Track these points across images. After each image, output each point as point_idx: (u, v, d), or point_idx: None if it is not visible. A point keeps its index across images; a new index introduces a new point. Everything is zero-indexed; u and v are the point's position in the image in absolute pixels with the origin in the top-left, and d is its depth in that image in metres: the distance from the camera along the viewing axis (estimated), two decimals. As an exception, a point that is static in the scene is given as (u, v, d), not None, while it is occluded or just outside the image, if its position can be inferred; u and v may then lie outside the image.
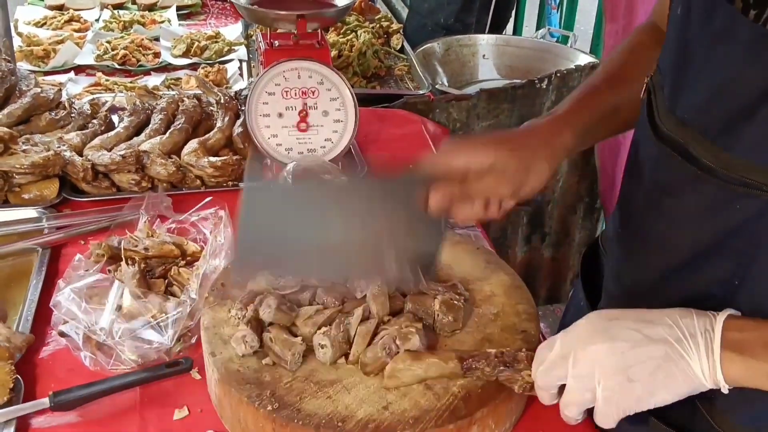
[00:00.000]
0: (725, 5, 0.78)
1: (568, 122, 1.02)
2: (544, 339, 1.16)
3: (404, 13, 3.40)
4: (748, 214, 0.80)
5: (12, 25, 2.34)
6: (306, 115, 1.57)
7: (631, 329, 0.78)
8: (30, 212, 1.41)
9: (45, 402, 0.99)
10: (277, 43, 1.61)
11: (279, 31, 1.62)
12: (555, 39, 3.03)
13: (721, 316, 0.78)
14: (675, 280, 0.92)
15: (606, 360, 0.78)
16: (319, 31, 1.60)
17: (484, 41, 2.85)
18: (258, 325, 1.00)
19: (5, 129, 1.41)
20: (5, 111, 1.54)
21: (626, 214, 1.04)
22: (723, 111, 0.80)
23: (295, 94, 1.56)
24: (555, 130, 1.01)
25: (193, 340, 1.12)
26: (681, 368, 0.76)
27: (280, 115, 1.57)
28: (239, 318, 1.01)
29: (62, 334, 1.09)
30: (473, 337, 1.01)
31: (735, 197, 0.80)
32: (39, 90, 1.62)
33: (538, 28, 3.53)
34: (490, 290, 1.11)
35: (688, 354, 0.76)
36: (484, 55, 2.85)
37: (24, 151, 1.41)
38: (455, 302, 1.02)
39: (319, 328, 0.98)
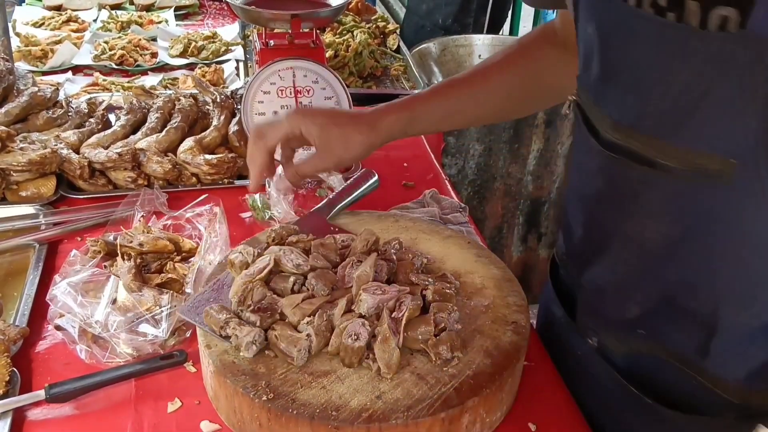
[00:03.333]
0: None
1: (399, 107, 1.20)
2: (534, 331, 1.18)
3: (402, 13, 3.42)
4: (707, 205, 0.83)
5: (10, 25, 2.35)
6: (301, 114, 1.59)
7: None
8: (27, 209, 1.43)
9: (41, 394, 1.00)
10: (272, 42, 1.62)
11: (274, 30, 1.63)
12: (551, 39, 3.04)
13: None
14: (648, 278, 0.95)
15: None
16: (313, 30, 1.62)
17: (480, 41, 2.87)
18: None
19: (2, 127, 1.42)
20: (3, 110, 1.55)
21: (587, 224, 1.05)
22: (660, 109, 0.82)
23: (291, 93, 1.58)
24: (382, 112, 1.19)
25: (188, 334, 1.13)
26: None
27: (276, 113, 1.58)
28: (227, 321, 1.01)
29: (58, 328, 1.10)
30: (464, 328, 1.02)
31: (693, 189, 0.83)
32: (36, 89, 1.63)
33: (533, 28, 3.54)
34: (481, 283, 1.12)
35: None
36: (480, 56, 2.87)
37: (21, 149, 1.42)
38: (447, 290, 1.03)
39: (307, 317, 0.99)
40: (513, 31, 3.82)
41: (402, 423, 0.88)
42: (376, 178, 1.38)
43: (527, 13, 3.84)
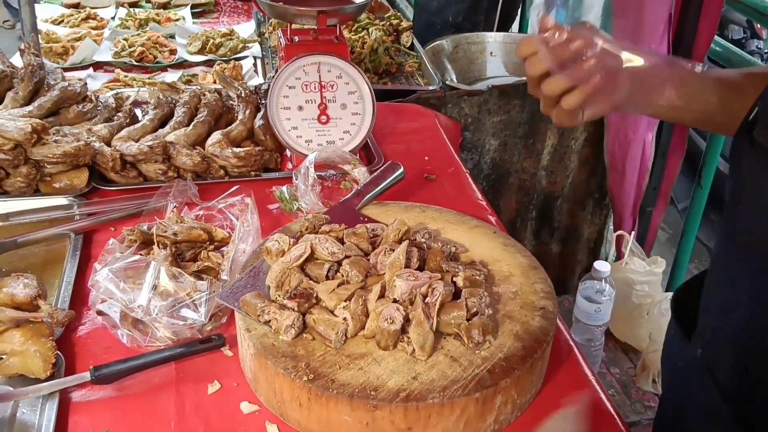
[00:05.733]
0: None
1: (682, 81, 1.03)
2: (560, 318, 1.21)
3: (408, 11, 3.45)
4: None
5: (33, 22, 2.38)
6: (325, 108, 1.62)
7: None
8: (61, 200, 1.46)
9: (86, 376, 1.04)
10: (297, 38, 1.66)
11: (297, 26, 1.67)
12: (561, 37, 3.07)
13: None
14: None
15: None
16: (337, 26, 1.66)
17: (492, 39, 2.89)
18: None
19: (38, 120, 1.46)
20: (36, 103, 1.59)
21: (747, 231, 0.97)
22: None
23: (315, 88, 1.61)
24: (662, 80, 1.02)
25: (224, 320, 1.17)
26: None
27: (300, 107, 1.62)
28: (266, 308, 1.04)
29: (100, 313, 1.14)
30: (495, 313, 1.06)
31: None
32: (66, 84, 1.67)
33: (543, 26, 3.57)
34: (509, 270, 1.16)
35: None
36: (491, 53, 2.90)
37: (55, 141, 1.46)
38: (477, 277, 1.07)
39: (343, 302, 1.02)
40: (522, 28, 3.84)
41: (438, 402, 0.91)
42: (402, 170, 1.42)
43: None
